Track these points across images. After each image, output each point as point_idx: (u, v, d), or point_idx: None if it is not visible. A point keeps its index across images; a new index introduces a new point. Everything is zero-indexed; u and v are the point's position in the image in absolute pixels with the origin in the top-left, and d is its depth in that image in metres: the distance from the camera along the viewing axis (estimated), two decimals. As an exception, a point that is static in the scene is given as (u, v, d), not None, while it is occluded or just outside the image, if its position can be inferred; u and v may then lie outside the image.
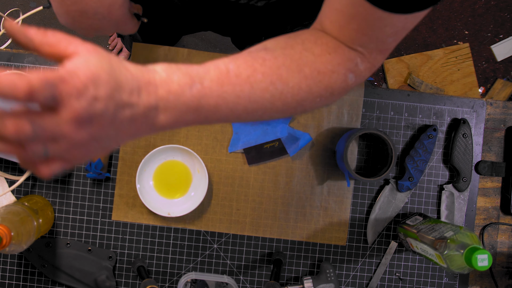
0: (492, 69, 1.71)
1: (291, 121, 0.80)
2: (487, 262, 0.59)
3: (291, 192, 0.80)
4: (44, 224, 0.73)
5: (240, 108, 0.42)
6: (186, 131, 0.79)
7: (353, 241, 0.80)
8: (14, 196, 0.79)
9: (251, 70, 0.42)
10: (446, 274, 0.80)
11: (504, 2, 1.70)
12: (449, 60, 1.67)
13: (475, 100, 0.81)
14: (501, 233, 0.82)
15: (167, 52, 0.79)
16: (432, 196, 0.81)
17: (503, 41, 1.70)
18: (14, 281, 0.78)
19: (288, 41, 0.46)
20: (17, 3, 1.63)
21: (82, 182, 0.79)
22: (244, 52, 0.44)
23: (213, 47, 1.64)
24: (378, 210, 0.80)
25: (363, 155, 0.81)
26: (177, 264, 0.79)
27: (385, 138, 0.74)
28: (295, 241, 0.80)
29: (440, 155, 0.81)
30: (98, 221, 0.79)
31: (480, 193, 0.81)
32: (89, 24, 0.46)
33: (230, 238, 0.80)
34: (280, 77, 0.43)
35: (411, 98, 0.81)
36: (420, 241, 0.69)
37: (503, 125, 0.82)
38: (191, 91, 0.38)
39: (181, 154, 0.78)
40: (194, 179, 0.78)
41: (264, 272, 0.80)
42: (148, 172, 0.77)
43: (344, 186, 0.80)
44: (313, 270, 0.80)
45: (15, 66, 0.79)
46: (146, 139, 0.79)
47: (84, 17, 0.45)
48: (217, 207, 0.79)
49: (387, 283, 0.80)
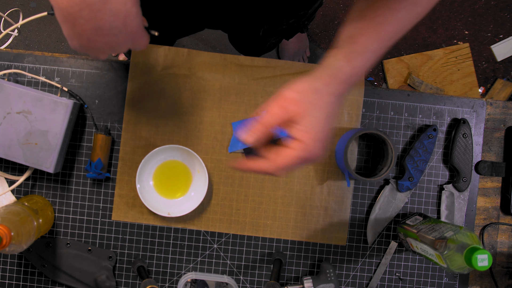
0: (492, 69, 1.71)
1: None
2: (487, 262, 0.59)
3: (291, 192, 0.80)
4: (44, 224, 0.73)
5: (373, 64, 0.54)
6: (186, 131, 0.79)
7: (353, 241, 0.80)
8: (14, 196, 0.79)
9: (362, 46, 0.52)
10: (446, 274, 0.80)
11: (504, 2, 1.70)
12: (449, 60, 1.67)
13: (475, 100, 0.81)
14: (501, 233, 0.82)
15: (167, 52, 0.79)
16: (432, 196, 0.81)
17: (503, 41, 1.70)
18: (14, 281, 0.78)
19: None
20: (17, 3, 1.63)
21: (82, 182, 0.79)
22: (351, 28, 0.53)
23: (213, 48, 1.65)
24: (378, 210, 0.80)
25: (363, 155, 0.81)
26: (177, 264, 0.79)
27: (385, 138, 0.74)
28: (295, 241, 0.80)
29: (440, 155, 0.81)
30: (98, 221, 0.79)
31: (480, 193, 0.81)
32: (105, 41, 0.45)
33: (230, 238, 0.80)
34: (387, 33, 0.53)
35: (411, 98, 0.81)
36: (420, 241, 0.69)
37: (503, 125, 0.82)
38: (347, 76, 0.51)
39: (181, 154, 0.78)
40: (194, 179, 0.78)
41: (264, 272, 0.80)
42: (148, 172, 0.77)
43: (344, 186, 0.80)
44: (313, 270, 0.80)
45: (15, 66, 0.79)
46: (146, 139, 0.79)
47: (99, 35, 0.44)
48: (217, 207, 0.79)
49: (387, 283, 0.80)
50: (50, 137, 0.73)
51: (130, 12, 0.44)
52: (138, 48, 0.50)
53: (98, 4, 0.41)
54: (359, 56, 0.52)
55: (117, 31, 0.44)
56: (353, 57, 0.51)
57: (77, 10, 0.41)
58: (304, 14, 0.88)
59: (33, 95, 0.72)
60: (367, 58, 0.52)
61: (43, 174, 0.79)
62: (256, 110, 0.80)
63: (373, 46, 0.52)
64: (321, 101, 0.49)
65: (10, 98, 0.72)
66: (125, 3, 0.43)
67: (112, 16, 0.42)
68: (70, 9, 0.41)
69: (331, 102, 0.50)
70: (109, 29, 0.43)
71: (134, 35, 0.47)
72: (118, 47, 0.47)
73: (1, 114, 0.72)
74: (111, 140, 0.78)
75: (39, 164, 0.73)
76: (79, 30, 0.43)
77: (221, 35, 1.64)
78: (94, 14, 0.42)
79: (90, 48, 0.46)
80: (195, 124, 0.79)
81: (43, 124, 0.72)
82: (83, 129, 0.79)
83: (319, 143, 0.49)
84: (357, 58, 0.51)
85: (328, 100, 0.50)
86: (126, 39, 0.46)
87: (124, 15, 0.43)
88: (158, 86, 0.79)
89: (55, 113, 0.72)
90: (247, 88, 0.80)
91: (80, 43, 0.45)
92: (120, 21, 0.43)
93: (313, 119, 0.48)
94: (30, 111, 0.72)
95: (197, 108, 0.79)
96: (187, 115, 0.79)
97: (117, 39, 0.45)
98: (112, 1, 0.42)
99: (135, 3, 0.44)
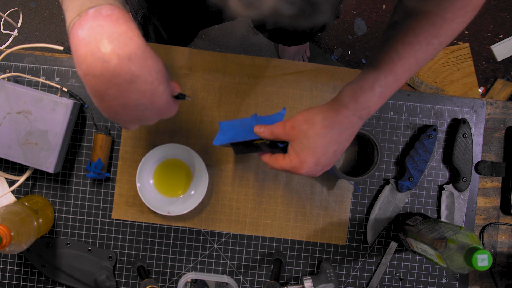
0: (492, 69, 1.71)
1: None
2: (487, 262, 0.59)
3: (291, 192, 0.80)
4: (44, 224, 0.73)
5: (412, 73, 0.55)
6: (187, 130, 0.79)
7: (353, 241, 0.80)
8: (14, 196, 0.79)
9: (409, 46, 0.53)
10: (446, 274, 0.80)
11: (504, 2, 1.70)
12: (449, 60, 1.67)
13: (475, 100, 0.81)
14: (501, 233, 0.82)
15: (168, 51, 0.79)
16: (432, 196, 0.81)
17: (503, 41, 1.70)
18: (14, 281, 0.78)
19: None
20: (17, 3, 1.63)
21: (82, 182, 0.79)
22: (392, 34, 0.54)
23: (213, 47, 1.65)
24: (378, 210, 0.80)
25: (356, 155, 0.81)
26: (177, 264, 0.79)
27: (371, 137, 0.74)
28: (295, 241, 0.80)
29: (440, 155, 0.81)
30: (98, 221, 0.79)
31: (480, 193, 0.81)
32: (132, 116, 0.46)
33: (230, 238, 0.80)
34: (433, 34, 0.52)
35: (411, 98, 0.81)
36: (420, 241, 0.69)
37: (503, 125, 0.82)
38: (377, 96, 0.55)
39: (181, 153, 0.78)
40: (194, 178, 0.78)
41: (264, 272, 0.80)
42: (148, 170, 0.77)
43: (344, 186, 0.80)
44: (313, 270, 0.80)
45: (15, 66, 0.79)
46: (146, 138, 0.79)
47: (126, 110, 0.44)
48: (217, 206, 0.79)
49: (387, 283, 0.80)
50: (50, 137, 0.73)
51: (157, 90, 0.44)
52: (167, 117, 0.51)
53: (124, 84, 0.42)
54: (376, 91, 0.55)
55: (144, 108, 0.45)
56: (366, 94, 0.55)
57: (104, 88, 0.42)
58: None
59: (33, 95, 0.72)
60: (384, 93, 0.55)
61: (43, 174, 0.79)
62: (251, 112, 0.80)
63: (405, 75, 0.55)
64: (312, 131, 0.56)
65: (10, 98, 0.72)
66: (152, 83, 0.43)
67: (138, 95, 0.43)
68: (97, 87, 0.42)
69: (325, 134, 0.56)
70: (136, 105, 0.44)
71: (162, 110, 0.47)
72: (146, 120, 0.48)
73: (1, 114, 0.72)
74: (111, 140, 0.78)
75: (39, 164, 0.73)
76: (107, 105, 0.44)
77: (221, 34, 1.64)
78: (121, 93, 0.42)
79: (118, 120, 0.47)
80: (196, 123, 0.79)
81: (43, 124, 0.72)
82: (83, 129, 0.79)
83: (305, 165, 0.57)
84: (371, 96, 0.55)
85: (322, 132, 0.56)
86: (153, 114, 0.47)
87: (150, 93, 0.44)
88: (158, 86, 0.79)
89: (55, 113, 0.72)
90: (248, 87, 0.80)
91: (109, 115, 0.46)
92: (147, 98, 0.44)
93: (300, 145, 0.57)
94: (30, 111, 0.72)
95: (197, 107, 0.79)
96: (187, 114, 0.79)
97: (144, 114, 0.46)
98: (139, 82, 0.42)
99: (162, 82, 0.45)
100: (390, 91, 0.55)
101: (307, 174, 0.59)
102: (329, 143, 0.56)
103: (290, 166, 0.58)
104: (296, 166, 0.58)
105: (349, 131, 0.57)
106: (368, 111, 0.56)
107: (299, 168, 0.57)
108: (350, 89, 0.56)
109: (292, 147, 0.58)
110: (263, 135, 0.60)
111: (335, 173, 0.73)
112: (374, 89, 0.54)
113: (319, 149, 0.56)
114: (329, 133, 0.56)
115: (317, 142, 0.56)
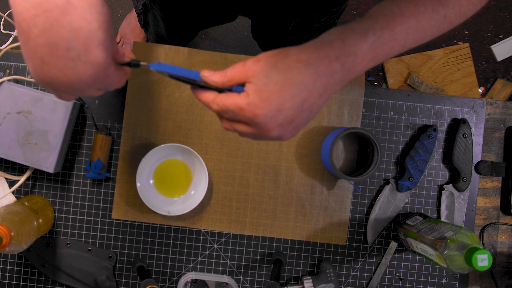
0: (492, 69, 1.71)
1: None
2: (487, 262, 0.59)
3: (291, 192, 0.80)
4: (44, 224, 0.73)
5: (410, 41, 0.48)
6: (187, 130, 0.79)
7: (353, 241, 0.80)
8: (14, 196, 0.79)
9: (413, 5, 0.47)
10: (446, 274, 0.80)
11: (504, 2, 1.70)
12: (449, 60, 1.67)
13: (475, 100, 0.81)
14: (501, 233, 0.82)
15: (168, 51, 0.79)
16: (432, 196, 0.81)
17: (503, 41, 1.70)
18: (14, 281, 0.78)
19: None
20: (17, 3, 1.63)
21: (82, 182, 0.79)
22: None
23: (213, 47, 1.65)
24: (378, 210, 0.80)
25: (356, 155, 0.81)
26: (177, 264, 0.79)
27: (371, 137, 0.74)
28: (295, 241, 0.80)
29: (440, 155, 0.81)
30: (98, 221, 0.79)
31: (480, 193, 0.81)
32: (60, 67, 0.38)
33: (230, 238, 0.80)
34: (440, 2, 0.47)
35: (411, 98, 0.81)
36: (420, 241, 0.69)
37: (503, 125, 0.82)
38: (368, 46, 0.45)
39: (181, 153, 0.78)
40: (194, 178, 0.78)
41: (264, 272, 0.80)
42: (148, 170, 0.77)
43: (344, 186, 0.80)
44: (313, 270, 0.80)
45: (15, 66, 0.79)
46: (146, 139, 0.79)
47: (54, 55, 0.37)
48: (217, 206, 0.79)
49: (387, 283, 0.80)
50: (50, 137, 0.73)
51: (94, 35, 0.37)
52: (109, 88, 0.43)
53: (56, 11, 0.35)
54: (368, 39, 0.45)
55: (76, 55, 0.37)
56: (357, 37, 0.45)
57: (32, 15, 0.36)
58: (337, 10, 0.87)
59: (33, 95, 0.72)
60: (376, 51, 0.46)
61: (43, 174, 0.79)
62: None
63: (403, 38, 0.47)
64: (283, 64, 0.43)
65: (10, 98, 0.72)
66: (90, 22, 0.36)
67: (71, 32, 0.36)
68: (25, 13, 0.36)
69: (299, 69, 0.43)
70: (66, 49, 0.37)
71: (99, 70, 0.39)
72: (79, 82, 0.39)
73: (1, 114, 0.72)
74: (111, 140, 0.78)
75: (39, 164, 0.73)
76: (32, 45, 0.37)
77: (221, 34, 1.64)
78: (50, 24, 0.36)
79: (44, 78, 0.39)
80: (195, 123, 0.79)
81: (43, 124, 0.72)
82: (83, 129, 0.79)
83: (266, 103, 0.43)
84: (362, 42, 0.45)
85: (295, 66, 0.43)
86: (88, 72, 0.38)
87: (86, 36, 0.37)
88: (158, 86, 0.79)
89: (55, 113, 0.72)
90: (247, 88, 0.80)
91: (34, 66, 0.38)
92: (80, 42, 0.37)
93: (265, 79, 0.43)
94: (30, 111, 0.72)
95: (197, 107, 0.79)
96: (187, 114, 0.79)
97: (77, 68, 0.38)
98: (74, 14, 0.36)
99: (103, 29, 0.37)
100: (381, 50, 0.46)
101: (264, 126, 0.44)
102: (300, 84, 0.43)
103: (245, 103, 0.43)
104: (254, 103, 0.43)
105: (324, 79, 0.44)
106: (354, 60, 0.45)
107: (257, 107, 0.43)
108: (339, 28, 0.46)
109: (251, 84, 0.44)
110: (211, 79, 0.46)
111: (335, 173, 0.73)
112: (367, 35, 0.45)
113: (287, 88, 0.43)
114: (303, 71, 0.43)
115: (287, 77, 0.43)
